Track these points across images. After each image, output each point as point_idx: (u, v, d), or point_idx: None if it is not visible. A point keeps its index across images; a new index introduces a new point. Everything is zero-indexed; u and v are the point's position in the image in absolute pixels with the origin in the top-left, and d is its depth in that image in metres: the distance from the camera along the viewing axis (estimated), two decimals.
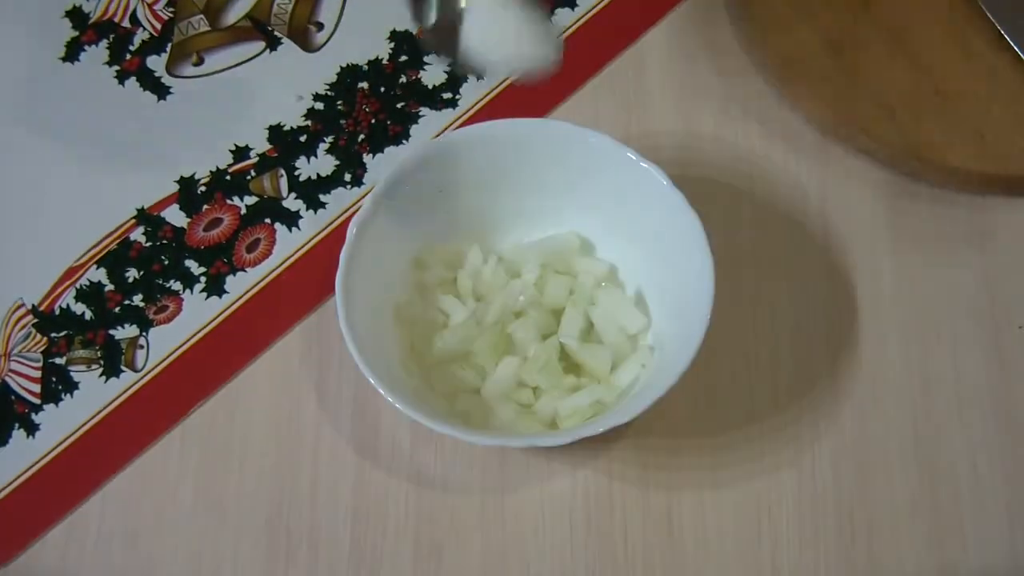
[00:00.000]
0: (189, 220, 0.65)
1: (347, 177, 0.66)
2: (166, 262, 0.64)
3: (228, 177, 0.66)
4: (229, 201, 0.66)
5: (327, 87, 0.69)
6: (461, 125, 0.67)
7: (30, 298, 0.64)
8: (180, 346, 0.62)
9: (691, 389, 0.57)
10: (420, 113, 0.68)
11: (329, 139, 0.67)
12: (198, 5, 0.71)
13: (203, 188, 0.66)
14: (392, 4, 0.71)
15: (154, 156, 0.67)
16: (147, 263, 0.64)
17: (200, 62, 0.70)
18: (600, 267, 0.61)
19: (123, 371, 0.62)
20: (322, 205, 0.66)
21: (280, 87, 0.69)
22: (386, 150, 0.67)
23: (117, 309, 0.63)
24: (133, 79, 0.69)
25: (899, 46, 0.67)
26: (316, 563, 0.57)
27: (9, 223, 0.66)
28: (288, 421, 0.60)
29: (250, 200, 0.66)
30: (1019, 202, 0.64)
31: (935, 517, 0.57)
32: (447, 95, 0.68)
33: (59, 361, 0.62)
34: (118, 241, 0.65)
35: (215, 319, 0.63)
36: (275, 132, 0.68)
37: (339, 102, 0.68)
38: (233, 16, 0.71)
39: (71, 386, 0.62)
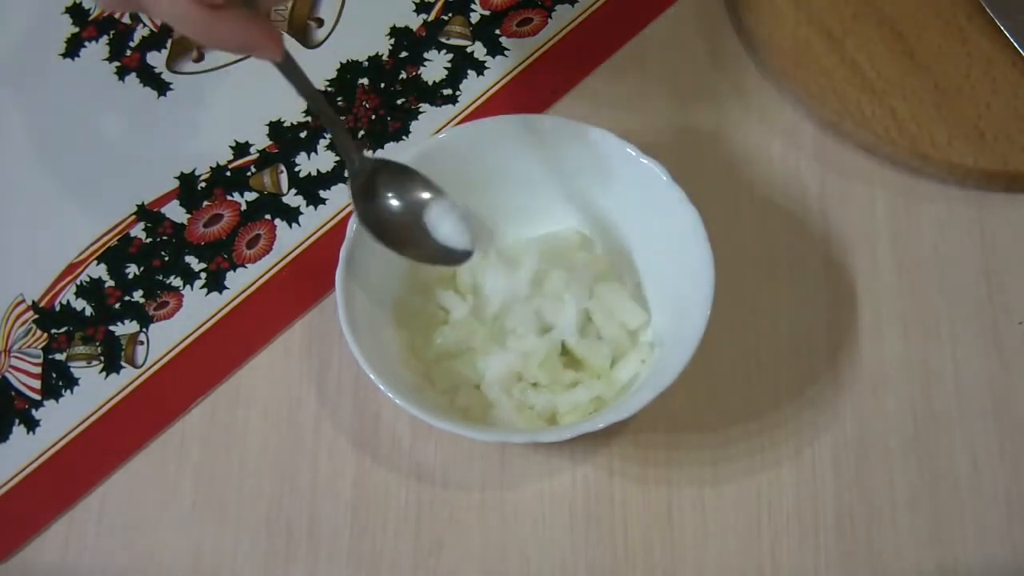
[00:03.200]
0: (189, 216, 0.65)
1: (347, 173, 0.66)
2: (166, 258, 0.64)
3: (228, 173, 0.66)
4: (229, 197, 0.66)
5: (327, 83, 0.69)
6: (461, 121, 0.67)
7: (30, 294, 0.64)
8: (180, 342, 0.62)
9: (691, 385, 0.57)
10: (420, 109, 0.68)
11: (329, 135, 0.67)
12: None
13: (203, 184, 0.66)
14: (392, 0, 0.71)
15: (154, 152, 0.67)
16: (147, 259, 0.64)
17: (200, 58, 0.70)
18: (600, 263, 0.61)
19: (123, 367, 0.62)
20: (322, 201, 0.66)
21: (280, 83, 0.68)
22: (386, 146, 0.67)
23: (117, 305, 0.63)
24: (133, 75, 0.69)
25: (899, 42, 0.67)
26: (316, 558, 0.57)
27: (9, 219, 0.66)
28: (288, 417, 0.60)
29: (250, 196, 0.66)
30: (1019, 199, 0.64)
31: (935, 513, 0.58)
32: (447, 91, 0.68)
33: (59, 357, 0.62)
34: (118, 237, 0.65)
35: (215, 315, 0.63)
36: (275, 128, 0.68)
37: (339, 98, 0.68)
38: None
39: (71, 382, 0.62)
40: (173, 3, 0.47)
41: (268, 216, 0.65)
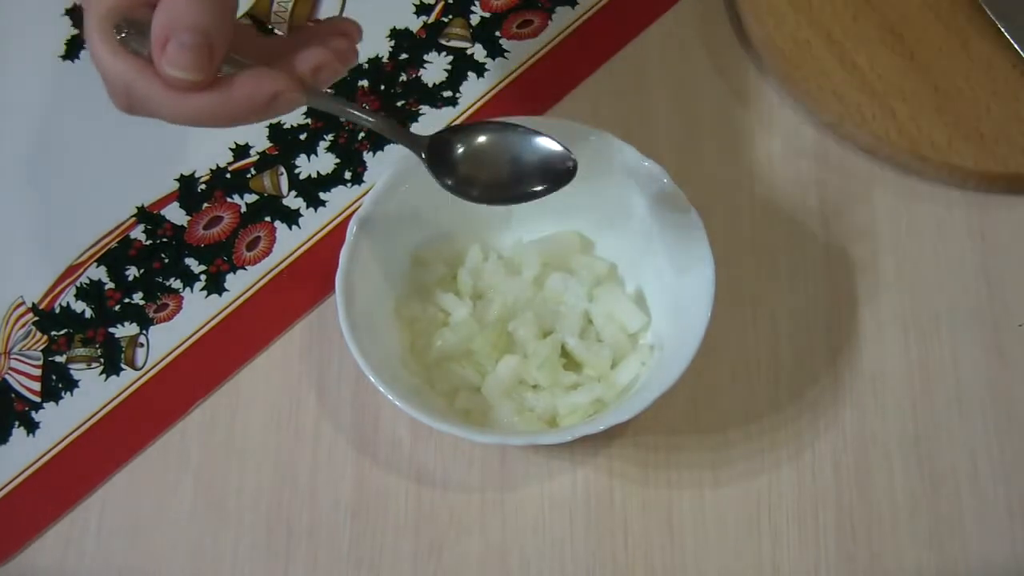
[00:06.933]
0: (189, 218, 0.65)
1: (347, 175, 0.66)
2: (166, 260, 0.64)
3: (228, 175, 0.66)
4: (229, 199, 0.66)
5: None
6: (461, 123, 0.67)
7: (30, 296, 0.64)
8: (180, 344, 0.62)
9: (691, 387, 0.57)
10: (420, 111, 0.68)
11: (329, 137, 0.67)
12: None
13: (203, 186, 0.66)
14: (392, 2, 0.71)
15: (154, 154, 0.67)
16: (147, 261, 0.64)
17: None
18: (600, 265, 0.61)
19: (123, 369, 0.62)
20: (322, 203, 0.66)
21: None
22: (386, 148, 0.67)
23: (117, 307, 0.63)
24: None
25: (899, 44, 0.67)
26: (316, 561, 0.57)
27: (9, 221, 0.66)
28: (288, 419, 0.60)
29: (250, 198, 0.66)
30: (1019, 200, 0.64)
31: (935, 515, 0.58)
32: (447, 93, 0.68)
33: (59, 359, 0.62)
34: (118, 239, 0.65)
35: (215, 317, 0.63)
36: (275, 130, 0.68)
37: None
38: None
39: (71, 384, 0.62)
40: (179, 102, 0.48)
41: (268, 218, 0.65)
